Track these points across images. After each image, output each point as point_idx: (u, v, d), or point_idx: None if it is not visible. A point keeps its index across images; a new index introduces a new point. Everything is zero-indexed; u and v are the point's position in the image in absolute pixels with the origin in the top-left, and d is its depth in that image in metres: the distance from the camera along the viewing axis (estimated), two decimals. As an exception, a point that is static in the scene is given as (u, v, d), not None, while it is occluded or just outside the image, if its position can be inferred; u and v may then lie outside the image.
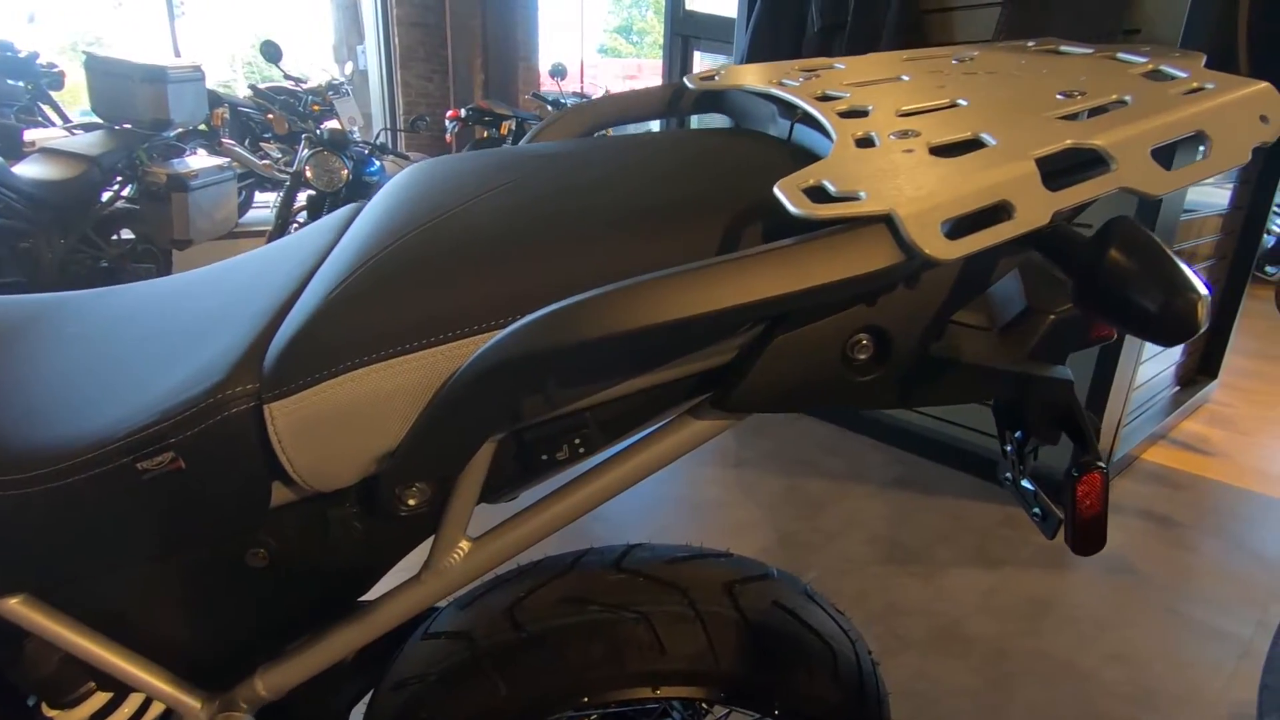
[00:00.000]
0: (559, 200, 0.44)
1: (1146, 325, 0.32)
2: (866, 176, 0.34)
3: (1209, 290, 0.32)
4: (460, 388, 0.37)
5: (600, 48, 25.91)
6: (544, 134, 0.63)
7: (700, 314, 0.32)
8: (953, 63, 0.52)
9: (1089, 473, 0.49)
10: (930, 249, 0.31)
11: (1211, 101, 0.37)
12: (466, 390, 0.36)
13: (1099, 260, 0.33)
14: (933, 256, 0.31)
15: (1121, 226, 0.34)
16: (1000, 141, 0.36)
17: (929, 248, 0.31)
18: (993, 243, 0.32)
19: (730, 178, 0.45)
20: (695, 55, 5.96)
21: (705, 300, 0.32)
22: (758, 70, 0.56)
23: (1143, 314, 0.32)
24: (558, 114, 0.63)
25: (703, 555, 0.74)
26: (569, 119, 0.63)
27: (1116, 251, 0.33)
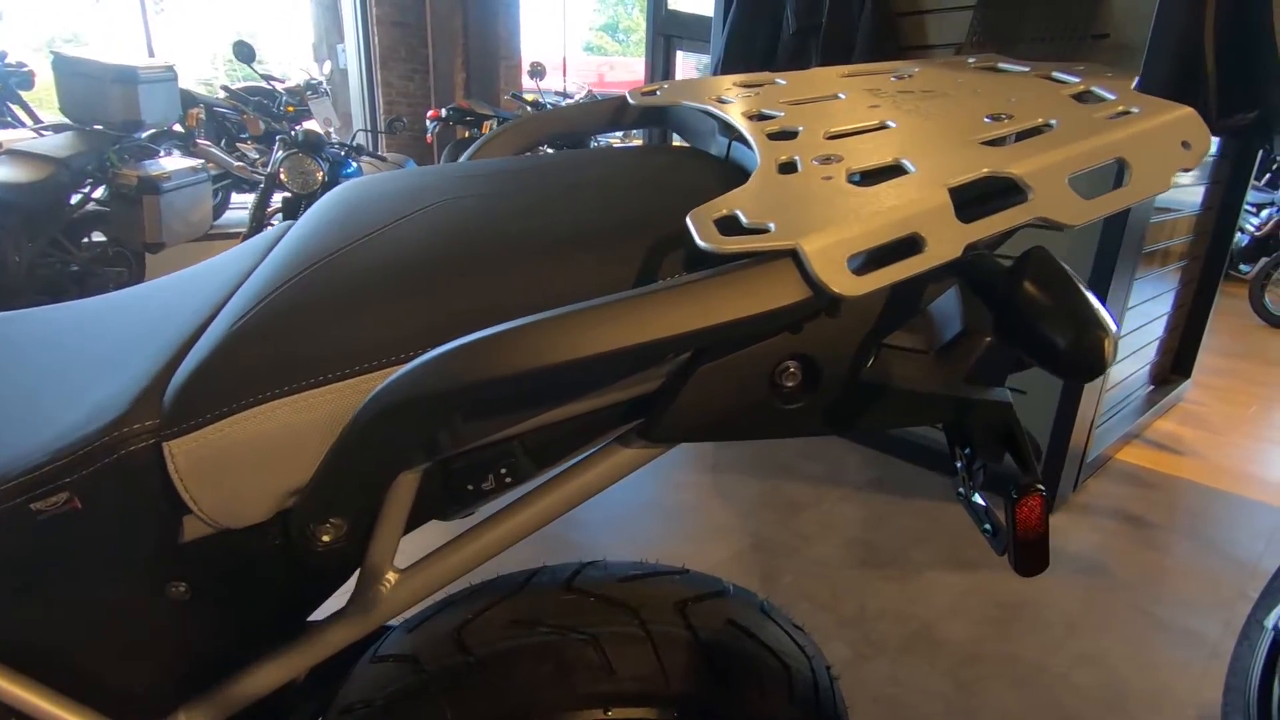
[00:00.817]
0: (479, 226, 0.43)
1: (1056, 361, 0.32)
2: (780, 206, 0.34)
3: (1117, 327, 0.32)
4: (358, 428, 0.36)
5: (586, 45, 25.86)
6: (484, 150, 0.61)
7: (594, 355, 0.31)
8: (891, 80, 0.51)
9: (1028, 495, 0.49)
10: (836, 285, 0.30)
11: (1134, 127, 0.37)
12: (364, 431, 0.35)
13: (1014, 292, 0.33)
14: (838, 293, 0.30)
15: (1036, 259, 0.33)
16: (919, 169, 0.35)
17: (834, 284, 0.30)
18: (902, 277, 0.31)
19: (658, 201, 0.44)
20: (678, 55, 5.95)
21: (599, 340, 0.31)
22: (700, 85, 0.55)
23: (1052, 349, 0.31)
24: (497, 130, 0.62)
25: (656, 573, 0.73)
26: (509, 135, 0.61)
27: (1030, 284, 0.32)
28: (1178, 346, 2.96)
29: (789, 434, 0.42)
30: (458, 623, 0.66)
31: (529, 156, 0.55)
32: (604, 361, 0.31)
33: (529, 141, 0.62)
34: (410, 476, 0.43)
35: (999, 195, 0.35)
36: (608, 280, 0.39)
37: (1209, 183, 2.61)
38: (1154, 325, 2.62)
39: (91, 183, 3.30)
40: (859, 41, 2.09)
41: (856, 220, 0.31)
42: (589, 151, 0.54)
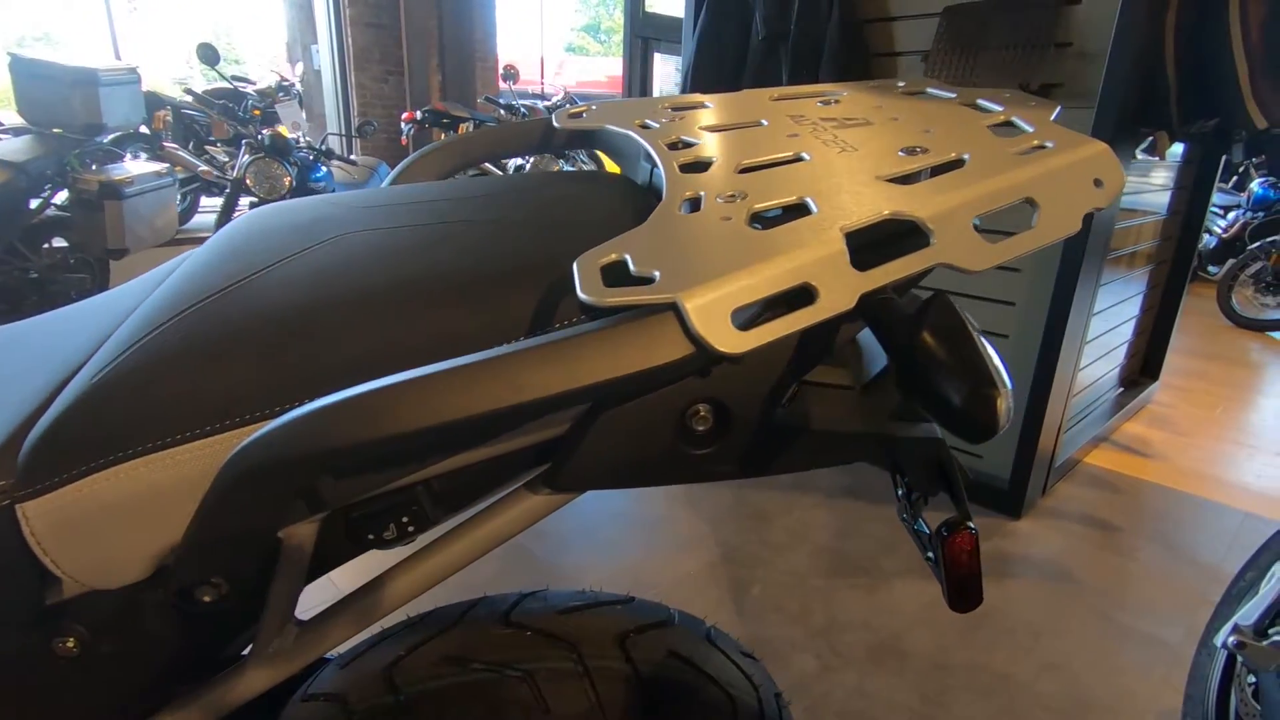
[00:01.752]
0: (370, 265, 0.41)
1: (949, 418, 0.30)
2: (671, 251, 0.32)
3: (1011, 383, 0.30)
4: (216, 493, 0.33)
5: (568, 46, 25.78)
6: (408, 173, 0.59)
7: (453, 421, 0.29)
8: (817, 105, 0.50)
9: (958, 532, 0.47)
10: (718, 343, 0.29)
11: (1045, 166, 0.36)
12: (223, 495, 0.33)
13: (912, 342, 0.31)
14: (719, 351, 0.29)
15: (937, 307, 0.32)
16: (820, 210, 0.33)
17: (716, 341, 0.29)
18: (789, 331, 0.30)
19: (564, 238, 0.43)
20: (656, 57, 5.94)
21: (460, 404, 0.29)
22: (628, 108, 0.53)
23: (946, 406, 0.30)
24: (420, 152, 0.59)
25: (599, 603, 0.71)
26: (434, 157, 0.59)
27: (929, 335, 0.31)
28: (1146, 349, 3.00)
29: (703, 479, 0.40)
30: (389, 660, 0.63)
31: (446, 183, 0.53)
32: (469, 425, 0.29)
33: (454, 164, 0.60)
34: (305, 527, 0.40)
35: (905, 236, 0.33)
36: (501, 327, 0.37)
37: (1175, 187, 2.64)
38: (1122, 329, 2.65)
39: (51, 188, 3.22)
40: (827, 48, 2.09)
41: (745, 271, 0.30)
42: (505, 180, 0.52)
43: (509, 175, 0.53)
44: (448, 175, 0.59)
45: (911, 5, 2.04)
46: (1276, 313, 4.40)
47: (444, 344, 0.36)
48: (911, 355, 0.31)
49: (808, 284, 0.30)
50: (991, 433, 0.30)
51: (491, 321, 0.37)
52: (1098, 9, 1.72)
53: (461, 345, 0.36)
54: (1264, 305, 4.44)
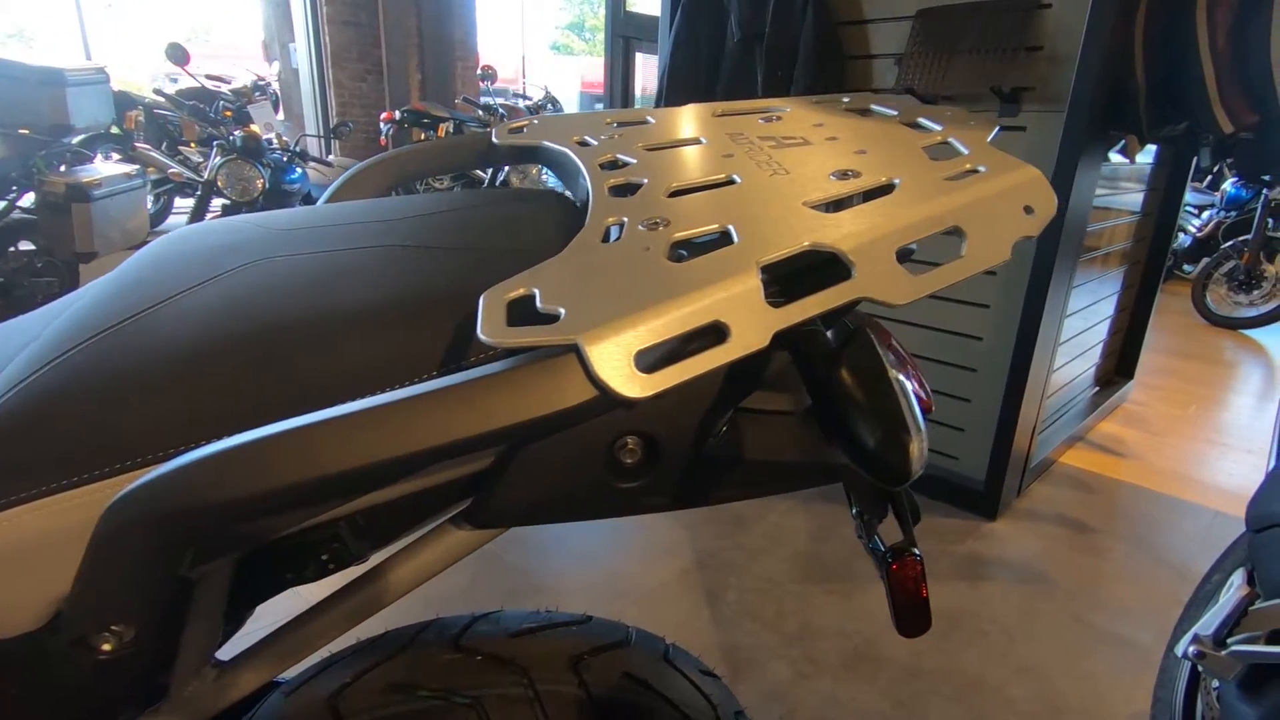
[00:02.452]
0: (275, 298, 0.39)
1: (862, 460, 0.29)
2: (582, 286, 0.31)
3: (925, 426, 0.30)
4: (96, 545, 0.32)
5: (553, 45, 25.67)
6: (343, 190, 0.57)
7: (342, 471, 0.27)
8: (759, 122, 0.48)
9: (903, 559, 0.46)
10: (619, 386, 0.27)
11: (974, 193, 0.35)
12: (101, 548, 0.31)
13: (830, 379, 0.30)
14: (620, 396, 0.27)
15: (857, 345, 0.31)
16: (741, 239, 0.32)
17: (617, 385, 0.27)
18: (698, 372, 0.28)
19: (490, 264, 0.41)
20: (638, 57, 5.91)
21: (347, 455, 0.27)
22: (569, 123, 0.52)
23: (859, 448, 0.29)
24: (357, 168, 0.58)
25: (554, 624, 0.69)
26: (371, 173, 0.57)
27: (847, 374, 0.30)
28: (1121, 348, 3.03)
29: (635, 512, 0.39)
30: (335, 687, 0.62)
31: (378, 203, 0.51)
32: (356, 476, 0.28)
33: (392, 180, 0.58)
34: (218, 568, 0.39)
35: (828, 266, 0.32)
36: (411, 364, 0.36)
37: (1148, 189, 2.66)
38: (1098, 329, 2.67)
39: (17, 190, 3.15)
40: (802, 50, 2.09)
41: (653, 310, 0.29)
42: (440, 199, 0.50)
43: (446, 193, 0.52)
44: (386, 191, 0.58)
45: (886, 8, 2.04)
46: (1249, 310, 4.46)
47: (348, 384, 0.34)
48: (828, 393, 0.30)
49: (719, 322, 0.29)
50: (903, 478, 0.29)
51: (401, 358, 0.36)
52: (1067, 14, 1.72)
53: (367, 385, 0.34)
54: (1237, 303, 4.50)
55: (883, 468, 0.29)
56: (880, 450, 0.28)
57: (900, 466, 0.28)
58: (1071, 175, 1.77)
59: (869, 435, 0.29)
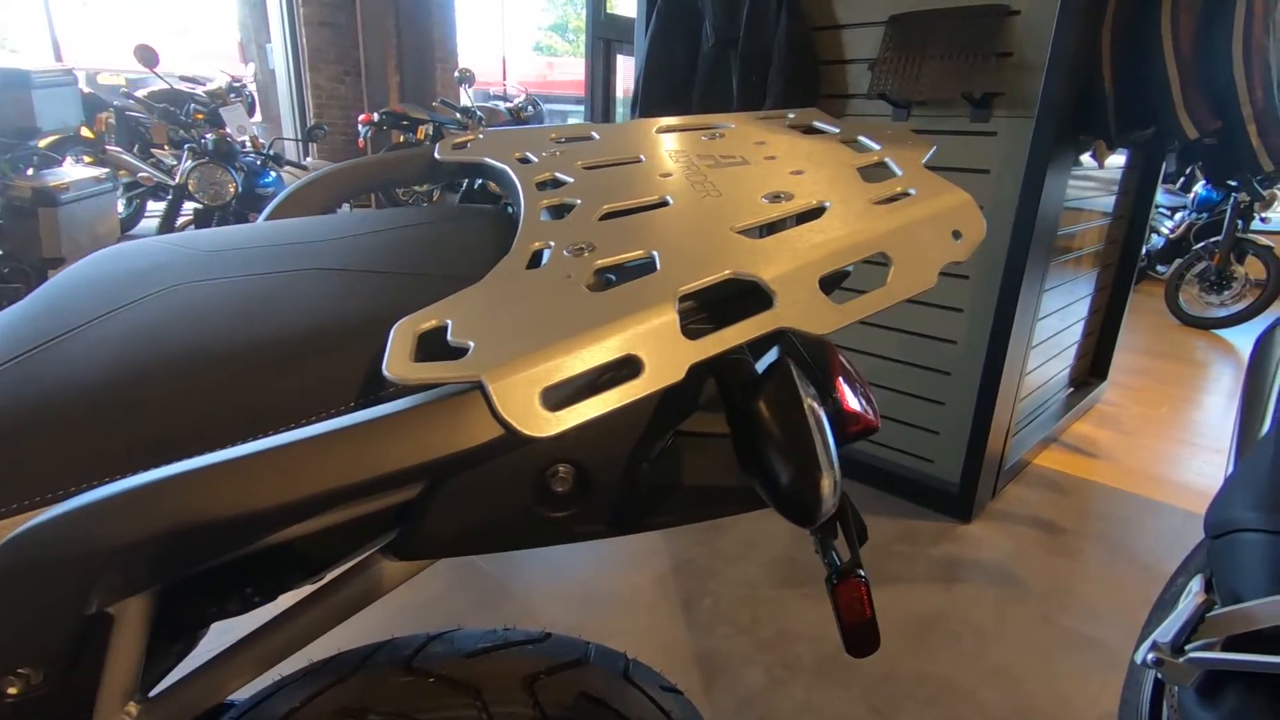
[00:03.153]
0: (188, 327, 0.38)
1: (773, 495, 0.29)
2: (497, 316, 0.30)
3: (837, 464, 0.29)
4: None
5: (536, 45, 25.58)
6: (285, 206, 0.56)
7: (238, 515, 0.27)
8: (701, 139, 0.48)
9: (847, 581, 0.46)
10: (524, 425, 0.27)
11: (902, 218, 0.34)
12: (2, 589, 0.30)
13: (749, 410, 0.30)
14: (525, 435, 0.27)
15: (777, 379, 0.30)
16: (663, 267, 0.32)
17: (521, 424, 0.27)
18: (609, 409, 0.28)
19: (417, 288, 0.40)
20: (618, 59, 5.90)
21: (237, 500, 0.27)
22: (512, 139, 0.51)
23: (771, 483, 0.28)
24: (300, 183, 0.56)
25: (510, 643, 0.68)
26: (314, 189, 0.56)
27: (765, 407, 0.29)
28: (1094, 349, 3.06)
29: (569, 540, 0.38)
30: (284, 711, 0.60)
31: (312, 222, 0.50)
32: (252, 521, 0.27)
33: (335, 196, 0.57)
34: (137, 603, 0.37)
35: (751, 293, 0.32)
36: (327, 397, 0.35)
37: (1119, 191, 2.70)
38: (1071, 330, 2.70)
39: (-18, 194, 3.08)
40: (775, 56, 2.09)
41: (563, 345, 0.28)
42: (378, 217, 0.49)
43: (383, 211, 0.51)
44: (330, 207, 0.56)
45: (859, 13, 2.05)
46: (1220, 311, 4.53)
47: (258, 419, 0.33)
48: (743, 424, 0.29)
49: (633, 356, 0.28)
50: (811, 519, 0.29)
51: (315, 391, 0.35)
52: (1036, 20, 1.74)
53: (278, 420, 0.33)
54: (1208, 304, 4.58)
55: (791, 506, 0.28)
56: (790, 489, 0.28)
57: (809, 506, 0.28)
58: (1041, 179, 1.78)
59: (780, 472, 0.28)
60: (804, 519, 0.29)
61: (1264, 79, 1.61)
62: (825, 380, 0.47)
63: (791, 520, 0.29)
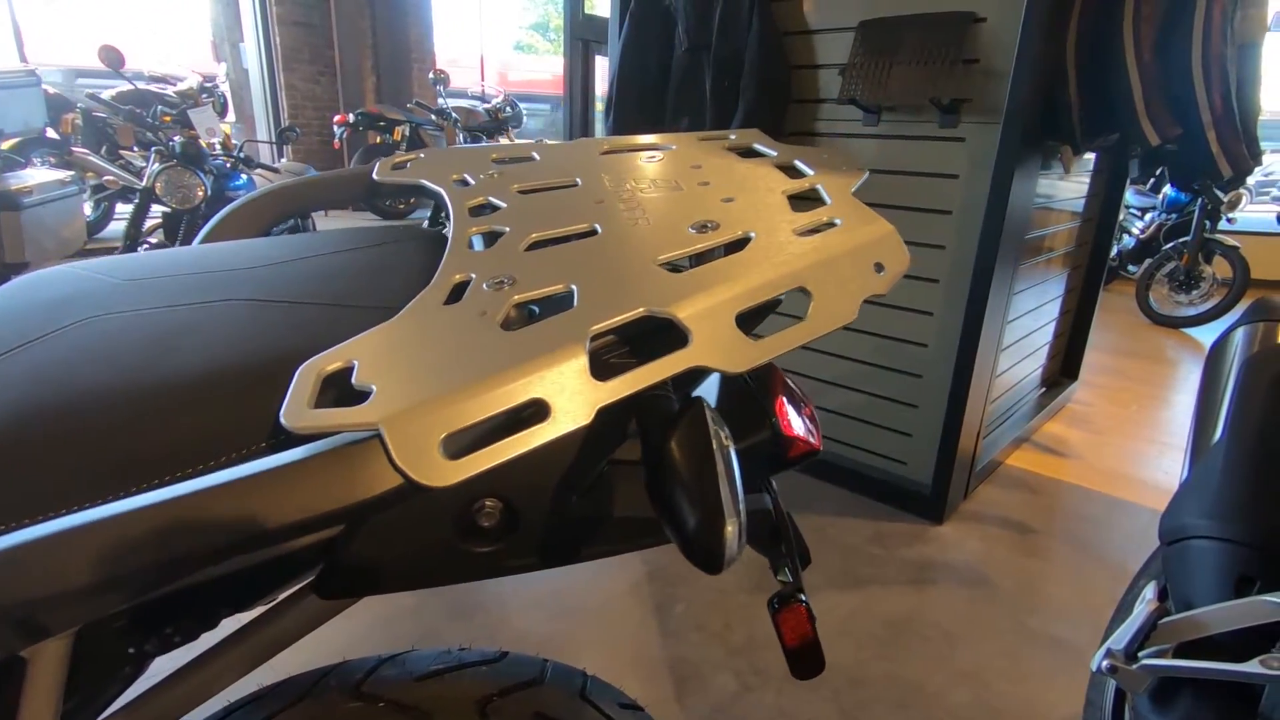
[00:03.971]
0: (96, 364, 0.36)
1: (680, 539, 0.28)
2: (403, 358, 0.29)
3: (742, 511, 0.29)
4: None
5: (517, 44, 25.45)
6: (221, 226, 0.55)
7: (124, 575, 0.26)
8: (640, 162, 0.48)
9: (788, 606, 0.46)
10: (421, 475, 0.26)
11: (825, 251, 0.34)
12: None
13: (661, 451, 0.29)
14: (422, 484, 0.26)
15: (689, 420, 0.30)
16: (580, 302, 0.31)
17: (419, 473, 0.26)
18: (511, 455, 0.27)
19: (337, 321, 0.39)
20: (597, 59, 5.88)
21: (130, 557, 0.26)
22: (452, 159, 0.51)
23: (678, 527, 0.28)
24: (235, 205, 0.55)
25: (464, 665, 0.68)
26: (249, 210, 0.55)
27: (676, 449, 0.29)
28: (1065, 350, 3.10)
29: (496, 575, 0.38)
30: None
31: (240, 246, 0.48)
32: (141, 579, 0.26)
33: (272, 218, 0.55)
34: (54, 645, 0.36)
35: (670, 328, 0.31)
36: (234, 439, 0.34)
37: (1088, 194, 2.73)
38: (1042, 332, 2.73)
39: (-59, 198, 3.00)
40: (747, 61, 2.09)
41: (469, 389, 0.27)
42: (308, 241, 0.48)
43: (315, 235, 0.50)
44: (266, 229, 0.55)
45: (830, 19, 2.06)
46: (1189, 310, 4.62)
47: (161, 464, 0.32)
48: (654, 465, 0.29)
49: (539, 400, 0.28)
50: (716, 565, 0.28)
51: (222, 434, 0.33)
52: (1002, 28, 1.76)
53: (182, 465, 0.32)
54: (1178, 303, 4.66)
55: (695, 553, 0.28)
56: (694, 535, 0.28)
57: (715, 552, 0.28)
58: (1008, 184, 1.80)
59: (689, 517, 0.28)
60: (707, 566, 0.28)
61: (1222, 87, 1.64)
62: (766, 403, 0.47)
63: (697, 566, 0.29)
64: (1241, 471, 0.85)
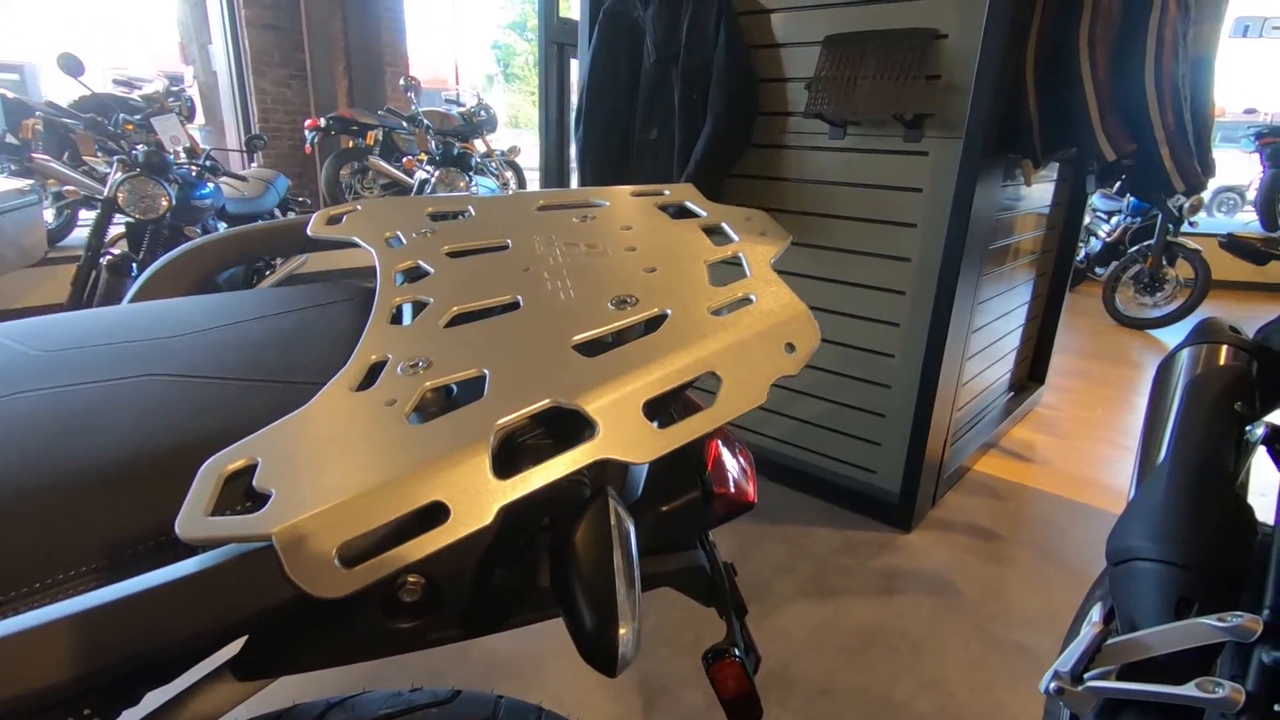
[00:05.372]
0: None
1: (578, 639, 0.29)
2: (306, 456, 0.29)
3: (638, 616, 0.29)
4: None
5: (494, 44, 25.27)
6: (154, 282, 0.54)
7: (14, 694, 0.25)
8: (573, 221, 0.48)
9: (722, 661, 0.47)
10: (313, 587, 0.26)
11: (735, 334, 0.35)
12: None
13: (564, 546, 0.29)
14: (315, 595, 0.26)
15: (592, 516, 0.30)
16: (490, 392, 0.31)
17: (311, 585, 0.26)
18: (406, 563, 0.27)
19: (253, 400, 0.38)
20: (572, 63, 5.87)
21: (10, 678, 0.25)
22: (388, 212, 0.50)
23: (578, 626, 0.28)
24: (169, 257, 0.54)
25: (412, 708, 0.67)
26: (181, 264, 0.54)
27: (578, 546, 0.29)
28: (1032, 355, 3.16)
29: (420, 648, 0.38)
30: None
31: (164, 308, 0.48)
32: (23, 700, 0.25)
33: (208, 270, 0.55)
34: None
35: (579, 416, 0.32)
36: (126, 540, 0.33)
37: (1052, 203, 2.79)
38: (1008, 339, 2.78)
39: (-106, 208, 2.91)
40: (715, 73, 2.10)
41: (367, 494, 0.27)
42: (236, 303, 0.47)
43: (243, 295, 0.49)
44: (203, 280, 0.55)
45: (796, 33, 2.08)
46: (1154, 311, 4.73)
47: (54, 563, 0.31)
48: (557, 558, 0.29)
49: (440, 502, 0.28)
50: (611, 669, 0.29)
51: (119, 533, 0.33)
52: (963, 45, 1.79)
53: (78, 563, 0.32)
54: (1143, 305, 4.77)
55: (589, 653, 0.28)
56: (589, 635, 0.28)
57: (607, 656, 0.28)
58: (970, 198, 1.83)
59: (583, 617, 0.28)
60: (603, 668, 0.29)
61: (1174, 105, 1.68)
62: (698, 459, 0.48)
63: (592, 667, 0.29)
64: (1182, 494, 0.88)
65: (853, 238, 2.10)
